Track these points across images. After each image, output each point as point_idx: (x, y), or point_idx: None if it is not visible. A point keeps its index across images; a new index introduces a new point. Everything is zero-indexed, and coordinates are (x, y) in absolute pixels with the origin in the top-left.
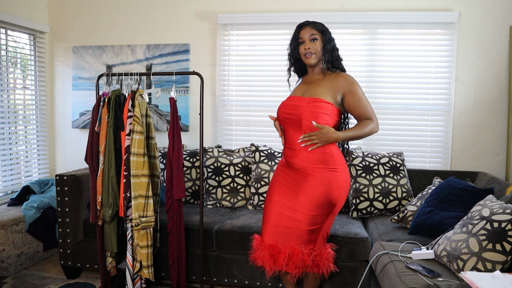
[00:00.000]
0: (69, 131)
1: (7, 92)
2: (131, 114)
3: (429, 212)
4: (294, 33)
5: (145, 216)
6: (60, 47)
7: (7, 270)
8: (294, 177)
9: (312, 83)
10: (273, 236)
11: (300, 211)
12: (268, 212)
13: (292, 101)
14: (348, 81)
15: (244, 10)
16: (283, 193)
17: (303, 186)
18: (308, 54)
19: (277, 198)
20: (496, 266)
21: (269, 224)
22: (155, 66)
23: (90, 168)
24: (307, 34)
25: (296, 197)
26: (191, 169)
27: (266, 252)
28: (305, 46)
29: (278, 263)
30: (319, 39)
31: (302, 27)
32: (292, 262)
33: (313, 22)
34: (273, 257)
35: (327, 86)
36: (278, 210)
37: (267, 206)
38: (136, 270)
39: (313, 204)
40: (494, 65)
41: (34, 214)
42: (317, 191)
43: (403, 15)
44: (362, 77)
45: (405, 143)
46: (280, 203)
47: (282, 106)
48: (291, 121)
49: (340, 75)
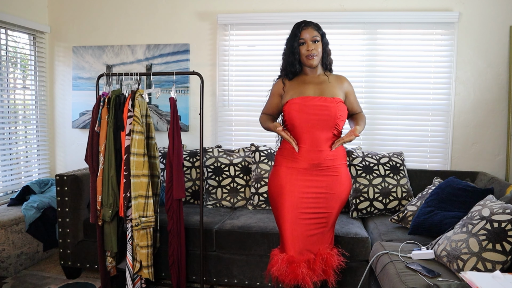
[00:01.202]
0: (69, 131)
1: (7, 92)
2: (131, 114)
3: (429, 212)
4: (294, 32)
5: (145, 216)
6: (60, 47)
7: (7, 270)
8: (320, 178)
9: (321, 84)
10: (301, 247)
11: (331, 211)
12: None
13: (320, 101)
14: (349, 82)
15: (244, 10)
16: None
17: (334, 184)
18: (311, 56)
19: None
20: (496, 266)
21: (297, 236)
22: (155, 66)
23: (90, 168)
24: (309, 35)
25: (328, 198)
26: (191, 169)
27: (302, 266)
28: (308, 48)
29: (316, 272)
30: (320, 40)
31: (304, 27)
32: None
33: (314, 22)
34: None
35: (337, 86)
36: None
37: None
38: (136, 270)
39: (343, 201)
40: (494, 65)
41: (34, 214)
42: (345, 186)
43: (403, 15)
44: (362, 77)
45: (405, 143)
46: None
47: (304, 107)
48: (321, 122)
49: (341, 76)
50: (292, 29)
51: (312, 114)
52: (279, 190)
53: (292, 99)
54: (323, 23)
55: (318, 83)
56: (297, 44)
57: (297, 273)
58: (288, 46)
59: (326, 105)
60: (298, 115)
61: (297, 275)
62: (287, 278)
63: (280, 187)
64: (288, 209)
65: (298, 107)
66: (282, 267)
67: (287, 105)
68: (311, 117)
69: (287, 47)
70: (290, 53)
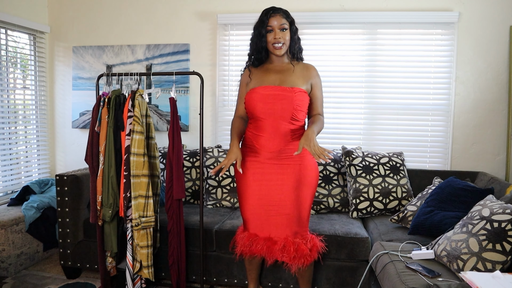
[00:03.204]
0: (69, 131)
1: (7, 92)
2: (131, 114)
3: (429, 212)
4: (262, 19)
5: (145, 216)
6: (60, 47)
7: (7, 270)
8: (283, 167)
9: (284, 72)
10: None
11: (296, 197)
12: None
13: (278, 90)
14: (317, 73)
15: (244, 10)
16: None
17: (301, 172)
18: (278, 44)
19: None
20: (496, 266)
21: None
22: (155, 66)
23: (90, 168)
24: (277, 23)
25: (291, 185)
26: (191, 169)
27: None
28: (275, 36)
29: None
30: (288, 28)
31: (272, 14)
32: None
33: (283, 9)
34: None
35: (301, 76)
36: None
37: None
38: (136, 270)
39: (310, 187)
40: (494, 65)
41: (34, 214)
42: (311, 173)
43: (403, 15)
44: (362, 77)
45: (405, 143)
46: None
47: (261, 96)
48: (279, 111)
49: (309, 66)
50: (260, 16)
51: (270, 103)
52: (242, 180)
53: (253, 88)
54: (323, 23)
55: (280, 72)
56: (265, 32)
57: (257, 250)
58: (255, 32)
59: (284, 94)
60: (258, 104)
61: (258, 251)
62: (249, 252)
63: (243, 175)
64: (249, 197)
65: (258, 96)
66: (245, 243)
67: (248, 94)
68: (269, 107)
69: (255, 34)
70: (258, 40)
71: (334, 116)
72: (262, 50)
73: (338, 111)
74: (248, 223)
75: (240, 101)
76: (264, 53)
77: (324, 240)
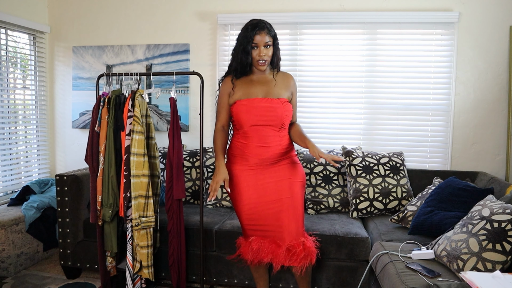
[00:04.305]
0: (69, 131)
1: (7, 92)
2: (131, 114)
3: (429, 212)
4: (246, 34)
5: (145, 216)
6: (60, 47)
7: (7, 270)
8: (271, 171)
9: (268, 84)
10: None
11: (286, 197)
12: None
13: (266, 103)
14: (295, 82)
15: (244, 10)
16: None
17: (290, 172)
18: (263, 61)
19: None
20: (496, 266)
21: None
22: (155, 66)
23: (90, 168)
24: (261, 40)
25: (282, 185)
26: (191, 169)
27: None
28: (259, 53)
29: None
30: (271, 45)
31: (257, 31)
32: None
33: (267, 25)
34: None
35: (283, 86)
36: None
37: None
38: (136, 270)
39: (298, 187)
40: (494, 65)
41: (34, 214)
42: (298, 173)
43: (403, 15)
44: (362, 77)
45: (405, 143)
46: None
47: (251, 108)
48: (268, 122)
49: (288, 75)
50: (246, 30)
51: (259, 115)
52: (236, 189)
53: (240, 100)
54: (323, 23)
55: (264, 83)
56: (250, 48)
57: (264, 255)
58: (240, 48)
59: (272, 106)
60: (246, 116)
61: (264, 256)
62: (256, 260)
63: (235, 185)
64: (245, 204)
65: (246, 108)
66: (253, 250)
67: (235, 106)
68: (258, 118)
69: (239, 49)
70: (243, 56)
71: (334, 116)
72: (247, 65)
73: (338, 111)
74: (247, 227)
75: (221, 111)
76: (248, 68)
77: (324, 240)
